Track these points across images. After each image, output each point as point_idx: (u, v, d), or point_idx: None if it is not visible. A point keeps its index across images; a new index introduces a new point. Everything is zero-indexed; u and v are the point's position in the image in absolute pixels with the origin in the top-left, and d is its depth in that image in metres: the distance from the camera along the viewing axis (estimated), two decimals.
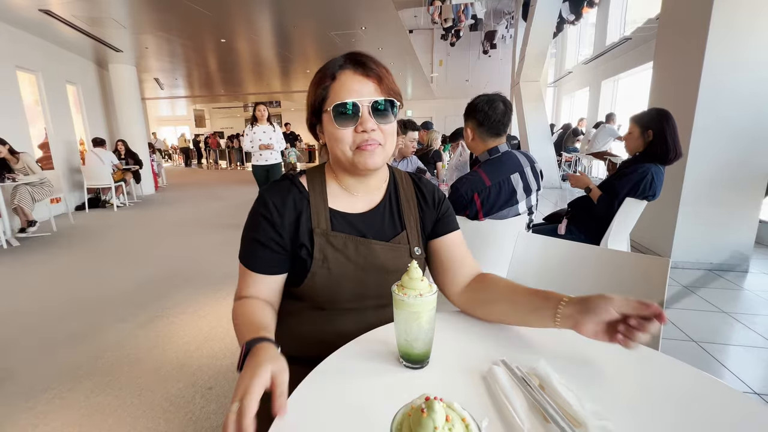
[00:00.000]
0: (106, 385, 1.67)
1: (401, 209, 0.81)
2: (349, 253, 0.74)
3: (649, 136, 1.84)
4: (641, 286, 0.91)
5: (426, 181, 0.87)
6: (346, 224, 0.76)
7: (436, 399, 0.30)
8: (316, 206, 0.75)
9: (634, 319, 0.53)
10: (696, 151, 2.83)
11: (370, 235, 0.76)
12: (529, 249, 1.12)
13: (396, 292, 0.58)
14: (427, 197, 0.84)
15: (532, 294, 0.67)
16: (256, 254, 0.73)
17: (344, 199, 0.78)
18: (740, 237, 2.90)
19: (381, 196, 0.81)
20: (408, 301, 0.56)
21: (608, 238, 1.82)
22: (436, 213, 0.83)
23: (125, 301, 2.53)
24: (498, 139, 1.43)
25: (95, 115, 7.25)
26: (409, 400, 0.40)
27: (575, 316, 0.58)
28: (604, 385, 0.55)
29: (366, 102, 0.69)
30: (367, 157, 0.70)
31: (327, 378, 0.58)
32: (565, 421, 0.46)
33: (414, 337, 0.58)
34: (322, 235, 0.73)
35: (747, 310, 2.31)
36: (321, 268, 0.73)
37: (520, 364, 0.58)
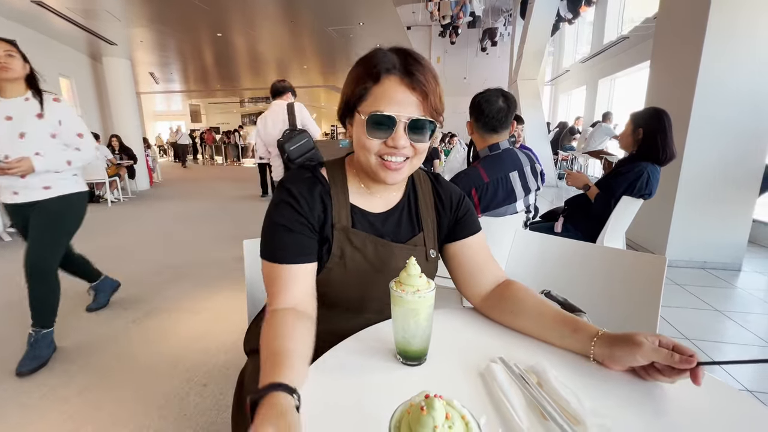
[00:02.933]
0: (99, 381, 1.65)
1: (419, 210, 0.79)
2: (367, 253, 0.73)
3: (639, 135, 1.85)
4: (638, 284, 0.91)
5: (444, 181, 0.85)
6: (367, 223, 0.74)
7: (436, 396, 0.30)
8: (338, 201, 0.73)
9: (662, 365, 0.53)
10: (692, 150, 2.85)
11: (388, 236, 0.75)
12: (527, 246, 1.11)
13: (394, 288, 0.57)
14: (444, 199, 0.81)
15: (559, 320, 0.65)
16: (284, 242, 0.67)
17: (364, 197, 0.76)
18: (734, 236, 2.92)
19: (399, 196, 0.79)
20: (406, 297, 0.56)
21: (604, 236, 1.83)
22: (453, 215, 0.81)
23: (119, 297, 2.50)
24: (496, 135, 1.42)
25: (89, 109, 7.17)
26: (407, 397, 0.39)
27: (605, 359, 0.58)
28: (603, 383, 0.55)
29: (404, 118, 0.64)
30: (389, 175, 0.68)
31: (324, 374, 0.58)
32: (563, 418, 0.46)
33: (412, 334, 0.58)
34: (342, 231, 0.72)
35: (740, 309, 2.34)
36: (338, 264, 0.72)
37: (518, 362, 0.58)
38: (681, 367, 0.50)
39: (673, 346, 0.52)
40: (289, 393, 0.46)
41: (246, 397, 0.74)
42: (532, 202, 1.51)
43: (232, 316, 2.25)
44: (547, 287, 0.96)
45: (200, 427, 1.39)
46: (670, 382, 0.52)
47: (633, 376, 0.57)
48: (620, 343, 0.56)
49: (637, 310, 0.89)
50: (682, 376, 0.50)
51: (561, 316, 0.66)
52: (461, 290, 0.80)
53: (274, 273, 0.67)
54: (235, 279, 2.84)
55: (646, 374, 0.55)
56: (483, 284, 0.77)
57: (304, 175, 0.73)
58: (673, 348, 0.52)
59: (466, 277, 0.79)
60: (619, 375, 0.57)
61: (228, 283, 2.76)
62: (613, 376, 0.57)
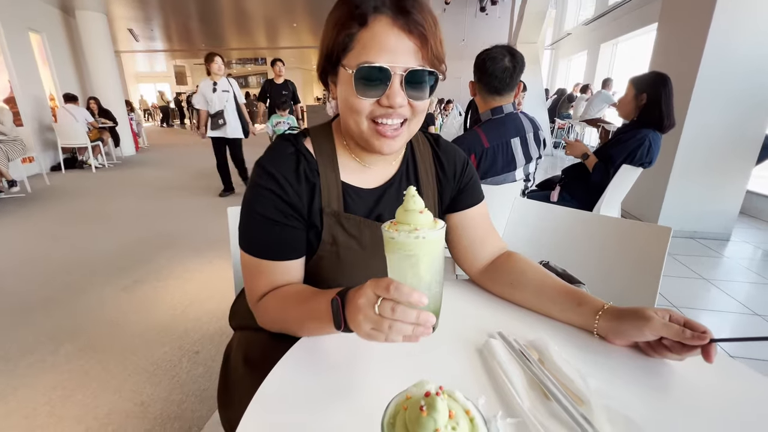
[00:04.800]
0: (89, 349, 1.63)
1: (419, 182, 0.70)
2: (362, 239, 0.65)
3: (642, 100, 1.77)
4: (639, 254, 0.88)
5: (446, 145, 0.75)
6: (360, 202, 0.65)
7: (438, 394, 0.26)
8: (327, 180, 0.62)
9: (670, 341, 0.50)
10: (693, 118, 2.78)
11: (385, 215, 0.66)
12: (525, 216, 1.07)
13: (386, 229, 0.44)
14: (446, 166, 0.72)
15: (562, 292, 0.62)
16: (268, 236, 0.60)
17: (356, 171, 0.66)
18: (727, 206, 2.93)
19: (396, 167, 0.70)
20: (399, 239, 0.42)
21: (601, 205, 1.80)
22: (456, 184, 0.73)
23: (107, 265, 2.46)
24: (500, 98, 1.33)
25: (65, 68, 6.74)
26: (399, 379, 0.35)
27: (608, 334, 0.55)
28: (607, 360, 0.53)
29: (400, 69, 0.53)
30: (385, 144, 0.57)
31: (312, 348, 0.54)
32: (567, 398, 0.43)
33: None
34: (333, 215, 0.63)
35: (725, 277, 2.38)
36: (329, 252, 0.64)
37: (517, 337, 0.55)
38: (693, 344, 0.47)
39: (684, 321, 0.49)
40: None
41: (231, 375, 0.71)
42: (532, 171, 1.45)
43: (224, 284, 2.23)
44: (546, 258, 0.93)
45: (192, 393, 1.39)
46: (679, 359, 0.50)
47: (637, 352, 0.54)
48: (627, 318, 0.53)
49: (637, 281, 0.87)
50: (692, 353, 0.48)
51: (564, 288, 0.62)
52: (458, 261, 0.76)
53: (257, 268, 0.61)
54: (225, 247, 2.80)
55: (651, 350, 0.52)
56: (482, 256, 0.73)
57: (286, 151, 0.62)
58: (684, 323, 0.49)
59: (465, 249, 0.74)
60: (623, 351, 0.54)
61: (218, 251, 2.71)
62: (617, 352, 0.54)
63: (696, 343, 0.46)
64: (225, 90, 3.77)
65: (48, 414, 1.30)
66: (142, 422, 1.27)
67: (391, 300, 0.40)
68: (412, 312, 0.40)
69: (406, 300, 0.39)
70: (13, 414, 1.30)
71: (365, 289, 0.43)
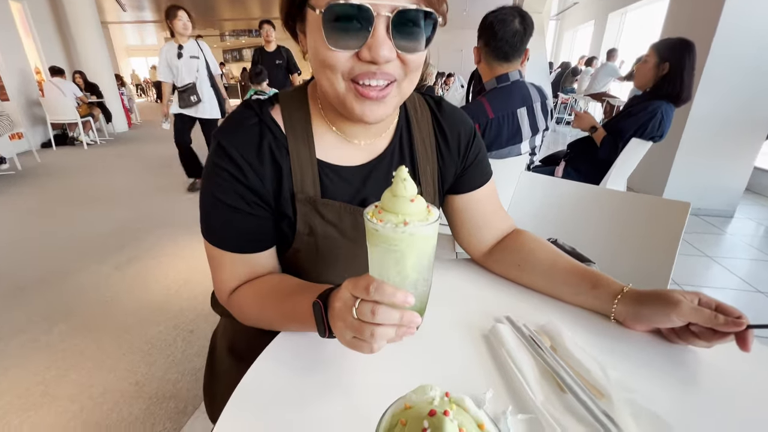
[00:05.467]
0: (82, 328, 1.61)
1: (416, 157, 0.59)
2: (344, 228, 0.55)
3: (663, 70, 1.66)
4: (654, 232, 0.82)
5: (449, 109, 0.62)
6: (341, 183, 0.55)
7: (447, 413, 0.20)
8: (299, 159, 0.52)
9: (699, 327, 0.44)
10: (704, 91, 2.67)
11: (373, 198, 0.56)
12: (531, 191, 1.01)
13: (368, 217, 0.37)
14: (449, 138, 0.61)
15: (575, 274, 0.56)
16: (229, 225, 0.51)
17: (336, 146, 0.55)
18: (733, 182, 2.87)
19: (388, 140, 0.58)
20: (383, 232, 0.36)
21: (607, 181, 1.73)
22: (461, 161, 0.62)
23: (100, 243, 2.41)
24: (507, 64, 1.23)
25: (49, 40, 6.46)
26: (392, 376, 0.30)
27: (627, 318, 0.50)
28: (627, 347, 0.48)
29: (386, 9, 0.40)
30: (368, 108, 0.45)
31: (299, 336, 0.49)
32: (585, 391, 0.39)
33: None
34: (308, 202, 0.53)
35: (726, 254, 2.35)
36: (306, 244, 0.55)
37: (527, 321, 0.50)
38: (727, 330, 0.42)
39: (716, 305, 0.44)
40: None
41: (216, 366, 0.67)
42: (538, 144, 1.38)
43: None
44: (553, 235, 0.88)
45: (187, 372, 1.37)
46: (707, 347, 0.45)
47: (659, 338, 0.49)
48: (651, 302, 0.48)
49: (650, 260, 0.82)
50: (723, 341, 0.43)
51: (577, 269, 0.57)
52: (461, 244, 0.70)
53: (220, 260, 0.53)
54: None
55: (676, 337, 0.47)
56: (488, 238, 0.66)
57: (247, 122, 0.51)
58: (716, 308, 0.44)
59: (468, 232, 0.66)
60: (643, 337, 0.50)
61: None
62: (637, 338, 0.50)
63: (731, 330, 0.42)
64: (194, 56, 2.96)
65: (42, 394, 1.28)
66: (138, 401, 1.25)
67: (371, 302, 0.34)
68: (395, 313, 0.34)
69: (389, 301, 0.34)
70: (6, 394, 1.28)
71: (342, 291, 0.37)
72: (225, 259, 0.53)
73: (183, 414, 1.21)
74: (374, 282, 0.34)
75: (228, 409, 0.39)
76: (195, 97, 3.00)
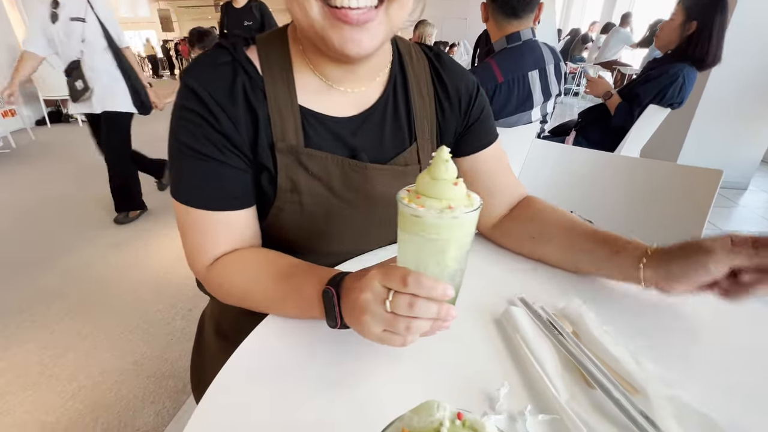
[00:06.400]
0: (80, 308, 1.58)
1: (411, 108, 0.53)
2: (332, 182, 0.49)
3: (690, 29, 1.52)
4: (680, 203, 0.75)
5: (449, 62, 0.56)
6: (328, 136, 0.49)
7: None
8: (278, 103, 0.46)
9: (749, 274, 0.37)
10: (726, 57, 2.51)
11: (365, 154, 0.51)
12: (543, 160, 0.93)
13: (405, 202, 0.32)
14: (450, 89, 0.54)
15: (595, 240, 0.49)
16: (199, 176, 0.45)
17: (320, 93, 0.49)
18: (749, 153, 2.76)
19: (381, 88, 0.52)
20: (427, 219, 0.31)
21: (621, 151, 1.64)
22: (464, 118, 0.56)
23: (98, 221, 2.36)
24: (518, 21, 1.12)
25: None
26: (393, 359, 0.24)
27: (660, 281, 0.43)
28: (665, 336, 0.41)
29: None
30: (346, 34, 0.38)
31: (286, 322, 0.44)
32: (617, 387, 0.33)
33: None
34: (290, 153, 0.47)
35: (738, 227, 2.29)
36: (290, 203, 0.49)
37: (544, 304, 0.44)
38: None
39: (752, 240, 0.37)
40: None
41: (204, 351, 0.62)
42: (550, 111, 1.28)
43: None
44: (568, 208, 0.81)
45: (186, 351, 1.34)
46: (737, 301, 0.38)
47: (705, 321, 0.43)
48: (680, 256, 0.41)
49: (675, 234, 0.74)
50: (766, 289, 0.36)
51: (597, 235, 0.50)
52: None
53: (191, 222, 0.46)
54: None
55: (726, 293, 0.40)
56: (497, 208, 0.59)
57: (218, 60, 0.45)
58: (753, 243, 0.37)
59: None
60: (689, 321, 0.43)
61: None
62: (680, 323, 0.43)
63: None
64: (76, 17, 1.83)
65: (40, 373, 1.27)
66: (136, 380, 1.24)
67: (408, 294, 0.31)
68: (433, 306, 0.31)
69: (428, 294, 0.31)
70: (5, 373, 1.27)
71: (370, 281, 0.33)
72: (198, 220, 0.46)
73: (182, 393, 1.20)
74: (411, 273, 0.31)
75: (210, 392, 0.35)
76: (81, 82, 1.89)
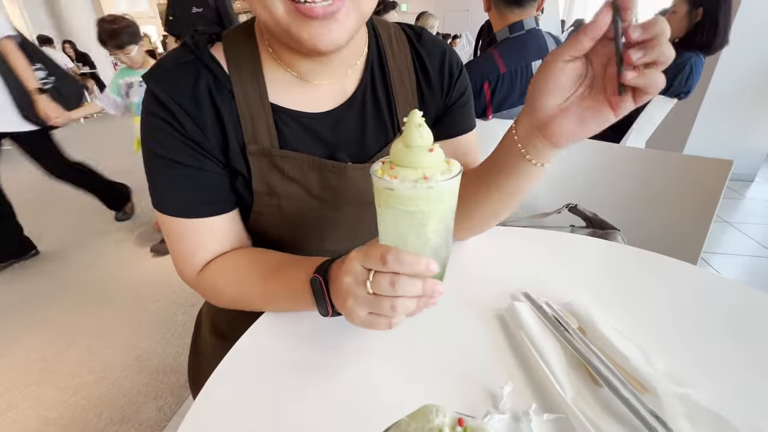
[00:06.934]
0: (82, 304, 1.59)
1: (392, 99, 0.49)
2: (309, 185, 0.47)
3: (697, 16, 1.49)
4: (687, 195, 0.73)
5: (431, 42, 0.52)
6: (303, 134, 0.46)
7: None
8: (247, 103, 0.43)
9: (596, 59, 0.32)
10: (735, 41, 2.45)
11: (345, 151, 0.48)
12: None
13: (378, 174, 0.30)
14: (431, 72, 0.50)
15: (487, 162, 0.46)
16: (180, 185, 0.43)
17: (292, 88, 0.45)
18: (757, 144, 2.71)
19: (357, 78, 0.48)
20: (401, 191, 0.29)
21: (626, 142, 1.61)
22: (443, 99, 0.52)
23: (99, 218, 2.36)
24: (520, 10, 1.09)
25: (34, 6, 6.17)
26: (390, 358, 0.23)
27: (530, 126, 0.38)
28: (677, 334, 0.40)
29: None
30: (314, 30, 0.36)
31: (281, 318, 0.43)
32: (626, 385, 0.31)
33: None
34: (263, 155, 0.44)
35: (744, 219, 2.27)
36: (268, 207, 0.47)
37: (549, 299, 0.43)
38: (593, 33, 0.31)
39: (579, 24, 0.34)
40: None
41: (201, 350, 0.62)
42: None
43: None
44: (573, 200, 0.79)
45: (188, 346, 1.34)
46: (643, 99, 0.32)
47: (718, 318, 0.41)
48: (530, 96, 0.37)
49: (682, 226, 0.73)
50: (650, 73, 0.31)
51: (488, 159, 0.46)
52: None
53: (179, 230, 0.44)
54: None
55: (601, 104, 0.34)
56: None
57: (180, 59, 0.42)
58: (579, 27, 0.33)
59: None
60: (700, 320, 0.41)
61: None
62: (691, 321, 0.41)
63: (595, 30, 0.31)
64: None
65: (42, 369, 1.27)
66: (139, 376, 1.24)
67: (389, 273, 0.30)
68: (417, 282, 0.30)
69: (410, 271, 0.29)
70: (8, 370, 1.27)
71: (350, 263, 0.32)
72: (180, 229, 0.44)
73: (184, 388, 1.20)
74: (391, 250, 0.29)
75: (206, 390, 0.34)
76: None
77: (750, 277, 1.77)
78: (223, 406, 0.33)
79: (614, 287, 0.47)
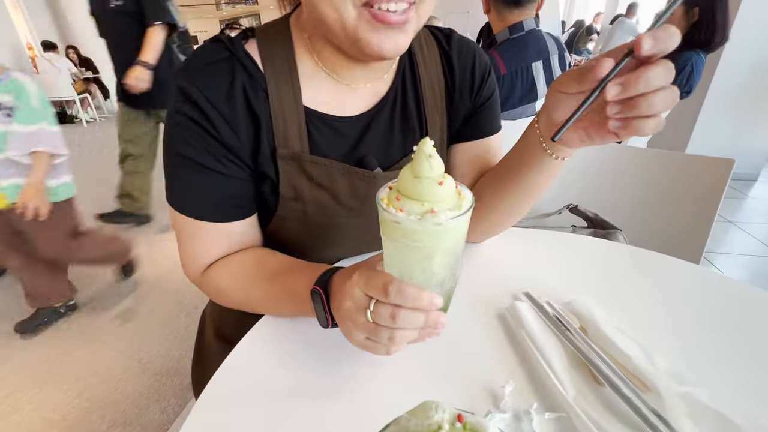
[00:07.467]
0: (85, 306, 1.59)
1: (422, 104, 0.49)
2: (337, 192, 0.46)
3: (694, 16, 1.49)
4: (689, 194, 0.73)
5: (460, 44, 0.51)
6: (334, 138, 0.45)
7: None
8: (281, 104, 0.42)
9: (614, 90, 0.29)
10: (737, 39, 2.45)
11: (373, 156, 0.47)
12: None
13: (384, 205, 0.29)
14: (458, 77, 0.50)
15: (507, 158, 0.47)
16: (197, 188, 0.42)
17: (328, 91, 0.45)
18: (759, 144, 2.70)
19: (388, 83, 0.48)
20: (406, 225, 0.27)
21: (627, 142, 1.61)
22: (471, 100, 0.51)
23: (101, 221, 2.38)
24: (520, 11, 1.09)
25: (38, 12, 6.23)
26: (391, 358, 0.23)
27: (548, 123, 0.38)
28: (679, 334, 0.40)
29: None
30: (384, 38, 0.36)
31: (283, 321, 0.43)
32: (628, 384, 0.31)
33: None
34: (293, 159, 0.43)
35: (748, 219, 2.26)
36: (293, 212, 0.46)
37: (550, 298, 0.43)
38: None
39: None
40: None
41: (205, 352, 0.62)
42: None
43: None
44: (574, 201, 0.79)
45: (191, 348, 1.32)
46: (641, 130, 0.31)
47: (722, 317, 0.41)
48: (548, 96, 0.37)
49: (684, 226, 0.73)
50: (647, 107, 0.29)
51: (509, 155, 0.47)
52: None
53: (189, 232, 0.44)
54: None
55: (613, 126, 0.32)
56: None
57: (214, 57, 0.40)
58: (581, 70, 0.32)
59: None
60: (706, 319, 0.41)
61: None
62: (695, 320, 0.41)
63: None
64: None
65: (46, 372, 1.28)
66: (142, 378, 1.24)
67: (390, 305, 0.28)
68: (419, 316, 0.29)
69: (413, 305, 0.28)
70: (12, 373, 1.28)
71: (352, 289, 0.31)
72: (195, 230, 0.43)
73: (187, 390, 1.20)
74: (393, 283, 0.28)
75: (207, 392, 0.34)
76: None
77: (753, 276, 1.77)
78: (224, 408, 0.34)
79: (616, 287, 0.47)
